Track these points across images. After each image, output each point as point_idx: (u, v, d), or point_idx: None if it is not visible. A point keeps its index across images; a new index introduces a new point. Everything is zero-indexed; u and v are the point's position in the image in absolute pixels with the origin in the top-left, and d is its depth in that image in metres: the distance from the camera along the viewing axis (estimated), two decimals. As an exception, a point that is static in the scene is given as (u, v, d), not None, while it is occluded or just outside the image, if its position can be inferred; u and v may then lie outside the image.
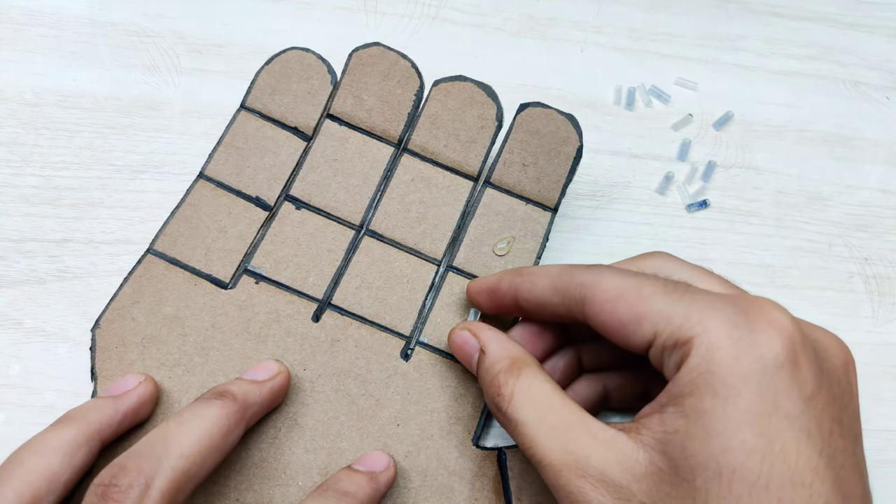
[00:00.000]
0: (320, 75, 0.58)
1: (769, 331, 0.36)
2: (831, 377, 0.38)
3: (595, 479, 0.37)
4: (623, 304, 0.40)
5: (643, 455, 0.37)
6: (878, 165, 0.66)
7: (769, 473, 0.34)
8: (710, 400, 0.35)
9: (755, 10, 0.72)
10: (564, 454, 0.39)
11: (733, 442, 0.34)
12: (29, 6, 0.63)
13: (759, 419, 0.34)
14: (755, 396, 0.35)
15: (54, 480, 0.40)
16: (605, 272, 0.43)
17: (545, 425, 0.40)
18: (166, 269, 0.53)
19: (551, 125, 0.57)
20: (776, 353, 0.36)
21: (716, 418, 0.35)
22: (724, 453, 0.34)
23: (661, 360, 0.39)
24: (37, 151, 0.57)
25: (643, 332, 0.39)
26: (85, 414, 0.44)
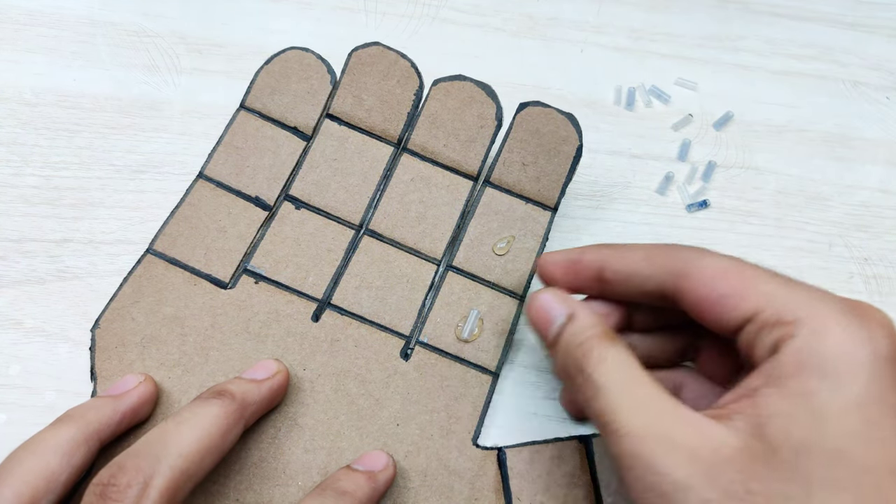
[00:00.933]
0: (320, 75, 0.58)
1: (878, 327, 0.36)
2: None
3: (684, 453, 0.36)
4: (725, 281, 0.40)
5: (735, 439, 0.36)
6: (878, 165, 0.66)
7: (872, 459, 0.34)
8: (818, 382, 0.35)
9: (755, 10, 0.72)
10: (649, 425, 0.37)
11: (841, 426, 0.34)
12: (29, 6, 0.63)
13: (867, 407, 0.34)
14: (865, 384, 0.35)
15: (53, 480, 0.40)
16: (708, 252, 0.42)
17: (631, 397, 0.39)
18: (166, 268, 0.53)
19: (551, 124, 0.57)
20: (886, 348, 0.36)
21: (823, 401, 0.35)
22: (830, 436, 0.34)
23: (755, 340, 0.38)
24: (37, 151, 0.57)
25: (743, 307, 0.39)
26: (84, 413, 0.44)
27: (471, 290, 0.54)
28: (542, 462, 0.50)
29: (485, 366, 0.53)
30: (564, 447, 0.51)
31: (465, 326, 0.53)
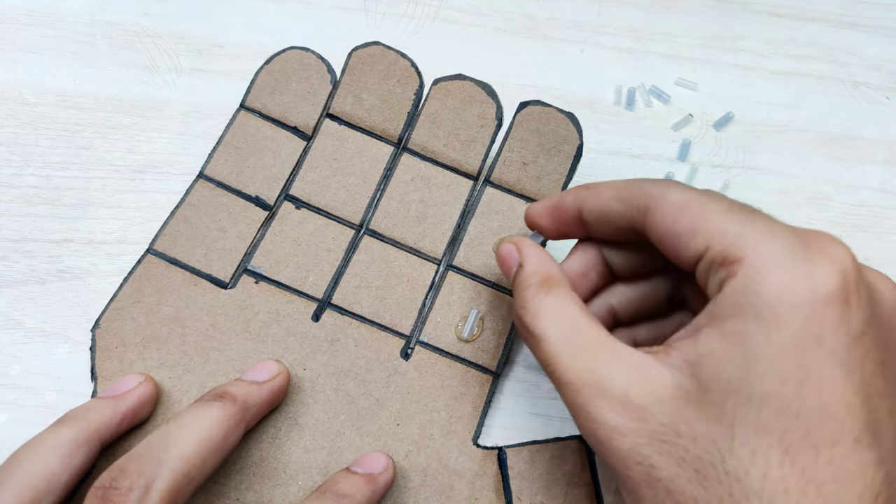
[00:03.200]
0: (320, 75, 0.58)
1: (825, 263, 0.35)
2: (881, 320, 0.37)
3: (615, 400, 0.37)
4: (685, 216, 0.39)
5: (670, 377, 0.37)
6: (878, 165, 0.66)
7: (801, 403, 0.33)
8: (753, 324, 0.35)
9: (755, 10, 0.72)
10: (586, 373, 0.38)
11: (770, 369, 0.34)
12: (29, 6, 0.63)
13: (800, 350, 0.34)
14: (800, 327, 0.34)
15: (53, 481, 0.40)
16: (673, 185, 0.42)
17: (569, 344, 0.40)
18: (166, 268, 0.53)
19: (551, 123, 0.57)
20: (829, 287, 0.34)
21: (756, 343, 0.34)
22: (759, 380, 0.34)
23: (707, 278, 0.39)
24: (37, 151, 0.58)
25: (696, 244, 0.38)
26: (84, 414, 0.44)
27: (471, 289, 0.54)
28: (542, 462, 0.50)
29: (485, 365, 0.53)
30: (564, 447, 0.51)
31: (466, 326, 0.53)
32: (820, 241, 0.36)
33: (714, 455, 0.34)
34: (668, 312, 0.50)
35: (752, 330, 0.35)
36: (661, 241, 0.41)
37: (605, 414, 0.37)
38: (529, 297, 0.43)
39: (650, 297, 0.48)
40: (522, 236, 0.49)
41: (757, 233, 0.37)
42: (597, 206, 0.45)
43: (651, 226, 0.41)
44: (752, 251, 0.36)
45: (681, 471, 0.35)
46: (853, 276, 0.35)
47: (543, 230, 0.49)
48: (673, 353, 0.38)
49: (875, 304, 0.36)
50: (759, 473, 0.33)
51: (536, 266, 0.45)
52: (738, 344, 0.35)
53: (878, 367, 0.35)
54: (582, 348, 0.40)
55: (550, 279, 0.44)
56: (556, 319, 0.41)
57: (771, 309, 0.34)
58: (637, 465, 0.36)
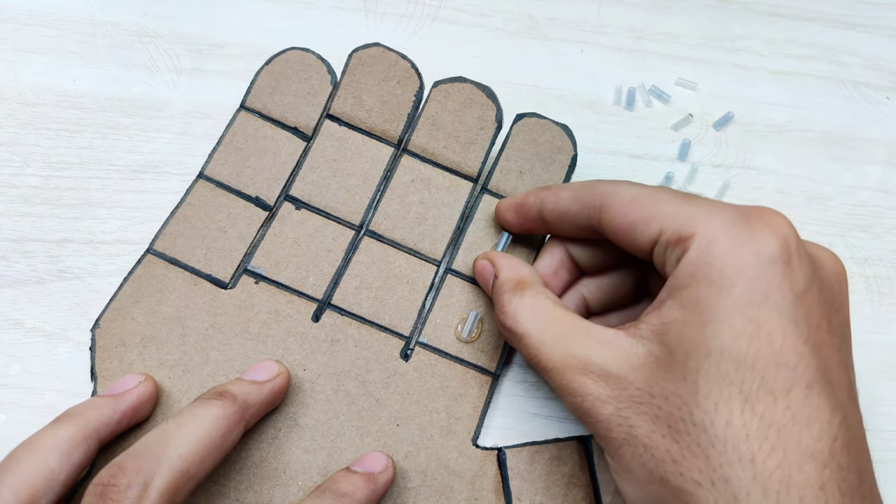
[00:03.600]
0: (320, 75, 0.58)
1: (766, 231, 0.39)
2: (823, 281, 0.41)
3: (596, 375, 0.41)
4: (637, 207, 0.44)
5: (641, 348, 0.41)
6: (878, 165, 0.66)
7: (755, 354, 0.37)
8: (706, 289, 0.39)
9: (755, 10, 0.72)
10: (567, 356, 0.43)
11: (724, 326, 0.38)
12: (29, 6, 0.62)
13: (749, 307, 0.38)
14: (747, 286, 0.38)
15: (52, 479, 0.40)
16: (623, 183, 0.46)
17: (547, 334, 0.44)
18: (166, 268, 0.53)
19: (546, 135, 0.57)
20: (771, 250, 0.39)
21: (710, 305, 0.38)
22: (715, 336, 0.38)
23: (664, 259, 0.42)
24: (37, 151, 0.57)
25: (650, 230, 0.42)
26: (83, 412, 0.44)
27: (470, 291, 0.54)
28: (541, 462, 0.50)
29: (484, 367, 0.53)
30: (564, 447, 0.51)
31: (465, 327, 0.53)
32: (761, 214, 0.41)
33: (683, 410, 0.38)
34: (636, 301, 0.53)
35: (705, 294, 0.39)
36: (617, 233, 0.45)
37: (589, 387, 0.41)
38: (506, 301, 0.47)
39: (617, 287, 0.52)
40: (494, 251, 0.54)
41: (704, 212, 0.41)
42: (556, 206, 0.50)
43: (606, 221, 0.45)
44: (702, 227, 0.40)
45: (655, 427, 0.39)
46: (793, 241, 0.39)
47: (509, 225, 0.54)
48: (641, 326, 0.42)
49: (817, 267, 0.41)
50: (722, 422, 0.37)
51: (509, 273, 0.49)
52: (695, 308, 0.39)
53: (824, 322, 0.39)
54: (559, 336, 0.44)
55: (523, 282, 0.48)
56: (532, 316, 0.45)
57: (720, 273, 0.39)
58: (619, 426, 0.40)
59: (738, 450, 0.36)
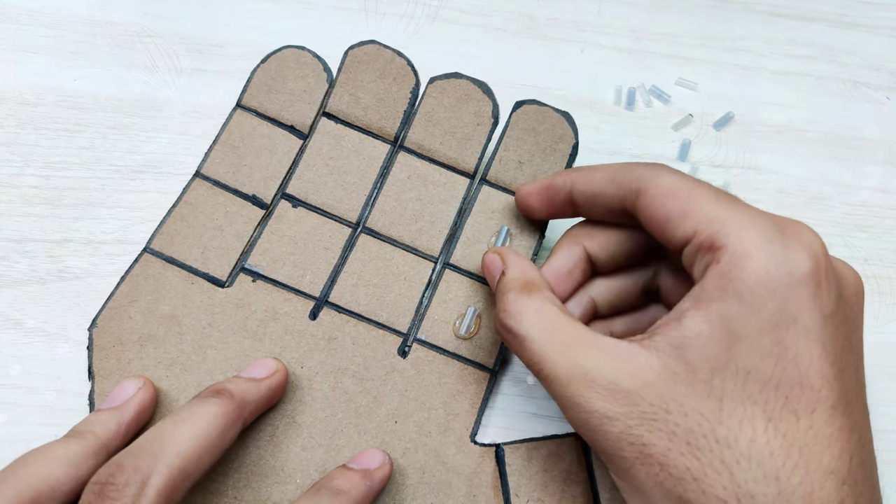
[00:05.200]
0: (316, 73, 0.58)
1: (800, 249, 0.39)
2: (846, 302, 0.41)
3: (603, 388, 0.40)
4: (673, 200, 0.43)
5: (656, 361, 0.40)
6: (878, 165, 0.66)
7: (780, 376, 0.37)
8: (736, 307, 0.38)
9: (755, 10, 0.72)
10: (572, 367, 0.41)
11: (752, 347, 0.38)
12: (29, 6, 0.63)
13: (777, 329, 0.38)
14: (778, 308, 0.38)
15: (56, 488, 0.40)
16: (663, 169, 0.45)
17: (553, 342, 0.43)
18: (163, 267, 0.53)
19: (547, 122, 0.57)
20: (804, 270, 0.38)
21: (738, 324, 0.38)
22: (741, 356, 0.38)
23: (693, 261, 0.42)
24: (37, 151, 0.58)
25: (684, 228, 0.42)
26: (92, 429, 0.44)
27: (468, 287, 0.54)
28: (539, 459, 0.50)
29: (482, 363, 0.53)
30: (562, 444, 0.51)
31: (463, 324, 0.53)
32: (796, 230, 0.40)
33: (705, 426, 0.38)
34: (643, 306, 0.52)
35: (734, 312, 0.38)
36: (651, 222, 0.44)
37: (595, 403, 0.40)
38: (511, 299, 0.46)
39: (628, 290, 0.51)
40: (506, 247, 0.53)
41: (740, 220, 0.40)
42: (588, 187, 0.48)
43: (642, 208, 0.44)
44: (735, 238, 0.39)
45: (672, 444, 0.38)
46: (823, 261, 0.39)
47: (533, 210, 0.53)
48: (657, 339, 0.40)
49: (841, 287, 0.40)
50: (746, 439, 0.37)
51: (518, 272, 0.48)
52: (723, 325, 0.38)
53: (846, 343, 0.40)
54: (566, 345, 0.42)
55: (531, 283, 0.47)
56: (537, 319, 0.44)
57: (751, 292, 0.38)
58: (630, 445, 0.39)
59: (763, 467, 0.36)
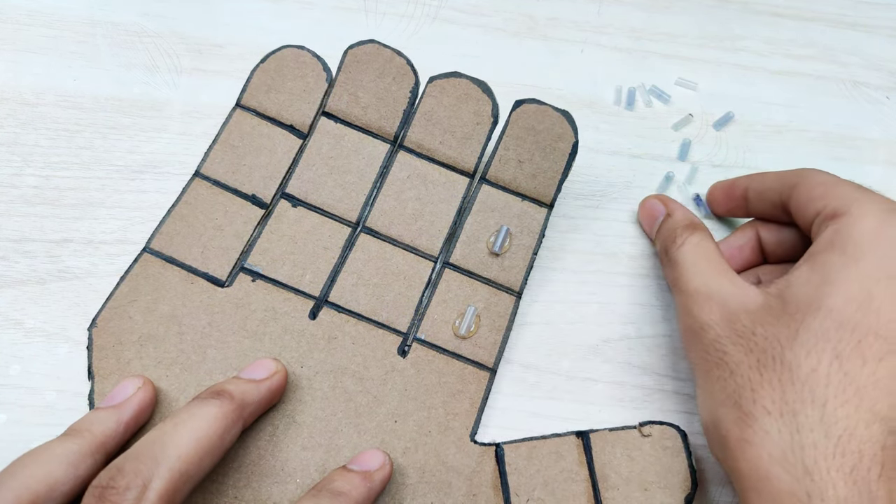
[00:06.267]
0: (315, 73, 0.58)
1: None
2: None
3: (714, 304, 0.47)
4: (819, 188, 0.48)
5: (762, 298, 0.46)
6: (878, 165, 0.66)
7: (858, 320, 0.41)
8: (838, 257, 0.44)
9: (755, 10, 0.72)
10: (701, 285, 0.49)
11: (840, 289, 0.42)
12: (29, 6, 0.63)
13: (869, 279, 0.42)
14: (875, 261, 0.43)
15: (55, 488, 0.40)
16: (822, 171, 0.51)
17: (697, 268, 0.50)
18: (163, 267, 0.53)
19: (546, 121, 0.57)
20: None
21: (834, 270, 0.43)
22: (828, 296, 0.42)
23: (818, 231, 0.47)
24: (37, 151, 0.58)
25: (816, 205, 0.48)
26: (89, 427, 0.44)
27: (468, 286, 0.54)
28: (539, 458, 0.50)
29: (482, 362, 0.53)
30: (562, 443, 0.51)
31: (463, 323, 0.53)
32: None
33: (776, 349, 0.43)
34: None
35: (834, 260, 0.44)
36: (797, 207, 0.50)
37: (704, 313, 0.48)
38: (678, 233, 0.53)
39: None
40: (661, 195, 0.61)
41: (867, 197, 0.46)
42: (760, 185, 0.55)
43: (794, 198, 0.50)
44: (857, 207, 0.45)
45: (745, 358, 0.44)
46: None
47: (716, 204, 0.61)
48: (771, 286, 0.47)
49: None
50: (809, 368, 0.41)
51: (684, 213, 0.56)
52: (821, 270, 0.44)
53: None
54: (705, 271, 0.50)
55: (695, 223, 0.54)
56: (694, 250, 0.52)
57: (855, 245, 0.43)
58: (714, 350, 0.46)
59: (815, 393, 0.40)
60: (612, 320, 0.58)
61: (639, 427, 0.51)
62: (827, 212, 0.47)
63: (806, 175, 0.51)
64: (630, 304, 0.58)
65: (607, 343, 0.57)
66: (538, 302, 0.57)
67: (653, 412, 0.54)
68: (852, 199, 0.46)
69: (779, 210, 0.54)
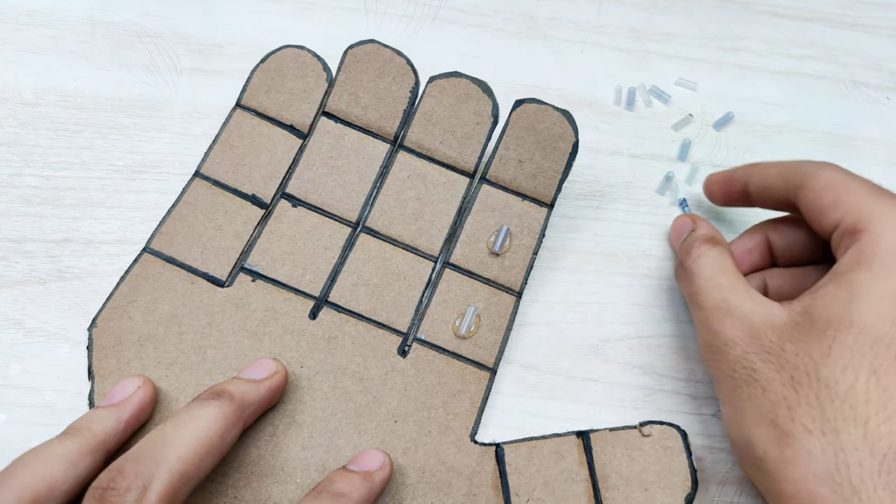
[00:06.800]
0: (315, 73, 0.58)
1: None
2: None
3: (737, 320, 0.47)
4: (829, 193, 0.47)
5: (786, 314, 0.45)
6: (878, 165, 0.66)
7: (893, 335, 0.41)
8: (865, 273, 0.43)
9: (755, 10, 0.72)
10: (720, 301, 0.48)
11: (871, 306, 0.41)
12: (29, 6, 0.63)
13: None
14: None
15: (55, 488, 0.40)
16: (827, 166, 0.49)
17: (714, 281, 0.49)
18: (163, 267, 0.53)
19: (547, 121, 0.57)
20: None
21: (862, 286, 0.42)
22: (859, 313, 0.42)
23: (839, 245, 0.46)
24: (37, 151, 0.58)
25: (834, 215, 0.46)
26: (89, 426, 0.44)
27: (468, 286, 0.54)
28: (540, 458, 0.50)
29: (482, 362, 0.53)
30: (562, 443, 0.51)
31: (463, 323, 0.53)
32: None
33: (810, 366, 0.42)
34: None
35: (861, 277, 0.43)
36: (808, 213, 0.49)
37: (726, 329, 0.47)
38: (696, 246, 0.52)
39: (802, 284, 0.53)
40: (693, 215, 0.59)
41: (885, 208, 0.44)
42: (762, 180, 0.54)
43: (802, 199, 0.49)
44: (878, 223, 0.44)
45: (778, 376, 0.43)
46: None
47: (714, 196, 0.59)
48: (794, 303, 0.46)
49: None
50: (847, 385, 0.41)
51: (707, 230, 0.55)
52: (848, 287, 0.43)
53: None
54: (723, 286, 0.49)
55: (714, 238, 0.53)
56: (710, 263, 0.51)
57: (882, 262, 0.42)
58: (742, 368, 0.45)
59: (856, 410, 0.40)
60: (612, 320, 0.57)
61: (639, 427, 0.51)
62: (846, 226, 0.45)
63: (811, 174, 0.49)
64: (630, 304, 0.58)
65: (607, 343, 0.57)
66: (538, 302, 0.57)
67: (653, 412, 0.54)
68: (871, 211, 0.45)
69: (784, 206, 0.53)
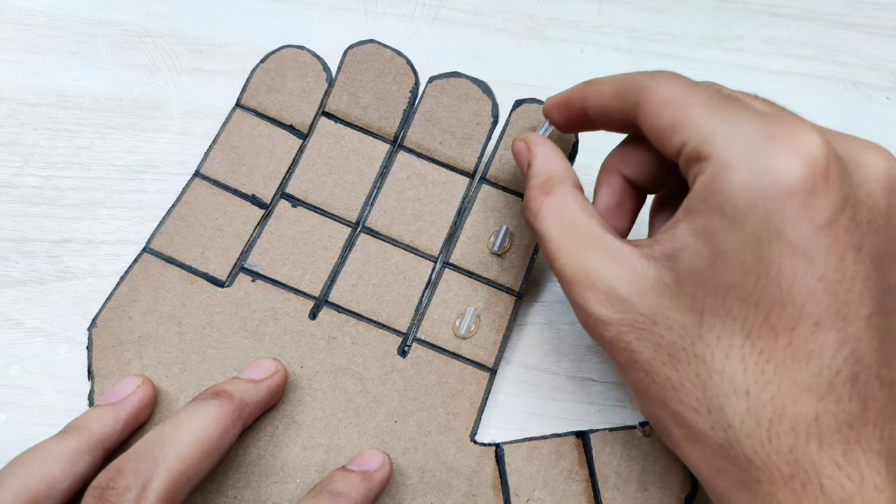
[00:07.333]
0: (315, 73, 0.58)
1: (789, 156, 0.36)
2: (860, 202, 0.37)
3: (601, 293, 0.41)
4: (667, 111, 0.41)
5: (652, 271, 0.40)
6: (879, 165, 0.66)
7: (761, 292, 0.36)
8: (718, 221, 0.37)
9: (755, 10, 0.72)
10: (578, 269, 0.42)
11: (733, 263, 0.37)
12: (29, 6, 0.63)
13: (760, 244, 0.36)
14: (760, 222, 0.36)
15: (54, 486, 0.40)
16: (662, 78, 0.43)
17: (566, 241, 0.44)
18: (163, 267, 0.53)
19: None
20: (791, 180, 0.35)
21: (721, 239, 0.37)
22: (724, 273, 0.37)
23: (687, 172, 0.40)
24: (37, 151, 0.58)
25: (675, 140, 0.40)
26: (87, 424, 0.44)
27: (468, 286, 0.54)
28: (539, 458, 0.50)
29: (482, 362, 0.53)
30: (562, 443, 0.51)
31: (463, 323, 0.53)
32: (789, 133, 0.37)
33: (685, 340, 0.38)
34: None
35: (717, 226, 0.37)
36: (650, 135, 0.42)
37: (593, 306, 0.41)
38: (532, 198, 0.47)
39: None
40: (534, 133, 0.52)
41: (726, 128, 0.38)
42: (598, 102, 0.47)
43: (640, 120, 0.43)
44: (720, 148, 0.37)
45: (656, 354, 0.40)
46: (821, 165, 0.36)
47: (556, 123, 0.52)
48: (655, 247, 0.40)
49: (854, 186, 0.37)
50: (722, 355, 0.37)
51: (541, 166, 0.49)
52: (707, 240, 0.37)
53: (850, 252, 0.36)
54: (575, 245, 0.43)
55: (551, 179, 0.47)
56: (554, 219, 0.45)
57: (732, 206, 0.36)
58: (621, 350, 0.41)
59: (734, 382, 0.37)
60: (612, 320, 0.57)
61: (639, 427, 0.51)
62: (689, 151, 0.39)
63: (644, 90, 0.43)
64: (630, 304, 0.58)
65: (607, 343, 0.56)
66: (538, 302, 0.57)
67: (653, 412, 0.54)
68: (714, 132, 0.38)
69: (629, 129, 0.48)
